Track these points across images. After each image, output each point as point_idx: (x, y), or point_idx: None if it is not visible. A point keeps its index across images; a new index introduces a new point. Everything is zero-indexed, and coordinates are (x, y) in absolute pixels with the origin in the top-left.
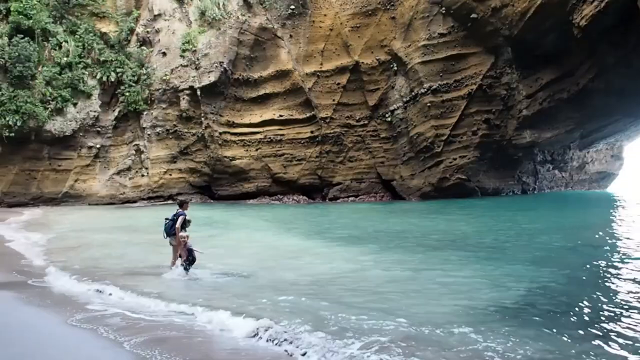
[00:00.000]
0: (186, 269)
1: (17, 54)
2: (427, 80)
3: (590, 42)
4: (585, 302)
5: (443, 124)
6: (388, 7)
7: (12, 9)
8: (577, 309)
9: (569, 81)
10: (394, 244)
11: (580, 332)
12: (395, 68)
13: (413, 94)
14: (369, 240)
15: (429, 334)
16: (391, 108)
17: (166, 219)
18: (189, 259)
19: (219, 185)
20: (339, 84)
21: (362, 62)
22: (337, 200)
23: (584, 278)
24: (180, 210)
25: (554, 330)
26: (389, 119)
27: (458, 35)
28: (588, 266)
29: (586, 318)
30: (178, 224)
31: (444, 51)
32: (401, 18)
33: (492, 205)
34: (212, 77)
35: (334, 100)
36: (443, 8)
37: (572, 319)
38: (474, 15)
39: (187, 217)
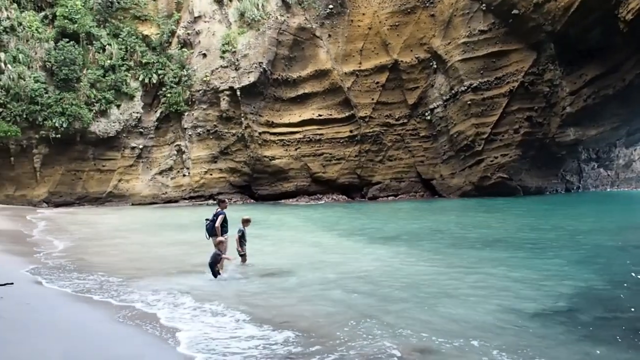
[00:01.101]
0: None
1: (62, 57)
2: (468, 78)
3: (637, 37)
4: (636, 308)
5: (484, 122)
6: (427, 4)
7: (57, 13)
8: (625, 314)
9: (615, 77)
10: (434, 243)
11: (630, 340)
12: (435, 66)
13: (453, 92)
14: (410, 239)
15: (469, 337)
16: (431, 106)
17: (207, 219)
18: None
19: (258, 184)
20: (378, 82)
21: (401, 61)
22: (376, 199)
23: (634, 282)
24: (219, 209)
25: (601, 338)
26: (428, 117)
27: (499, 32)
28: (638, 269)
29: (638, 324)
30: (217, 224)
31: (485, 48)
32: (441, 15)
33: (535, 204)
34: (252, 78)
35: (373, 99)
36: (483, 5)
37: (620, 326)
38: (515, 11)
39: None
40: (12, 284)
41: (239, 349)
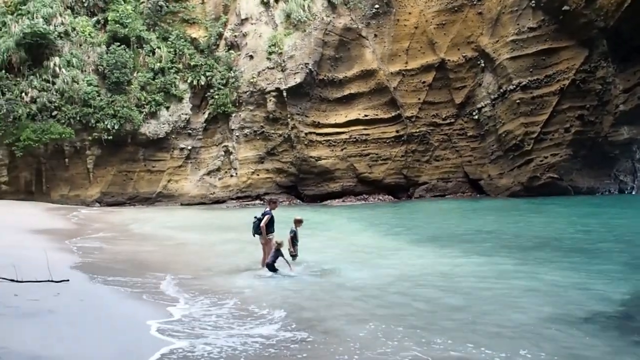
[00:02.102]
0: (271, 269)
1: (114, 61)
2: (517, 77)
3: None
4: None
5: (533, 121)
6: (475, 2)
7: (109, 18)
8: None
9: None
10: (483, 244)
11: None
12: (483, 65)
13: (501, 90)
14: (457, 240)
15: (518, 346)
16: (478, 106)
17: (255, 217)
18: (271, 262)
19: (305, 185)
20: (424, 82)
21: (448, 60)
22: (422, 199)
23: None
24: (268, 209)
25: None
26: (476, 117)
27: (549, 29)
28: None
29: None
30: (263, 223)
31: (534, 46)
32: (488, 13)
33: (586, 205)
34: (298, 79)
35: (419, 99)
36: (533, 1)
37: None
38: (566, 7)
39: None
40: (67, 280)
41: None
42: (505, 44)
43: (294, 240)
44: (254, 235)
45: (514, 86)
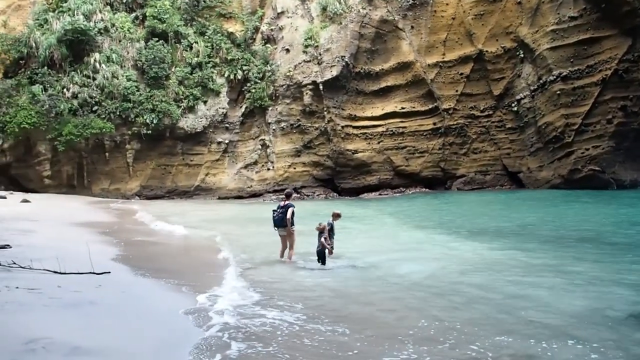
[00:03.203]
0: (321, 257)
1: (152, 56)
2: (557, 67)
3: None
4: None
5: (574, 113)
6: None
7: (147, 14)
8: None
9: None
10: (523, 237)
11: None
12: (522, 55)
13: (541, 81)
14: (498, 233)
15: (564, 340)
16: (517, 97)
17: (274, 210)
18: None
19: (341, 178)
20: (462, 74)
21: (486, 51)
22: (460, 191)
23: None
24: (288, 202)
25: None
26: (515, 108)
27: (590, 18)
28: None
29: None
30: (289, 215)
31: (575, 35)
32: (528, 3)
33: (630, 199)
34: (334, 72)
35: (457, 90)
36: None
37: None
38: None
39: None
40: (108, 272)
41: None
42: (545, 34)
43: (330, 233)
44: (276, 228)
45: (554, 77)
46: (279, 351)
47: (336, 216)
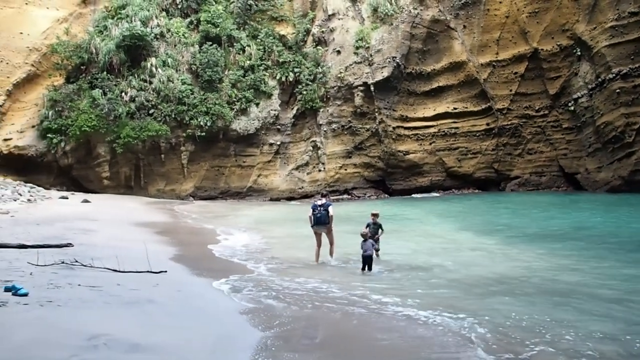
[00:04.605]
0: (368, 262)
1: (206, 60)
2: (616, 65)
3: None
4: None
5: (635, 112)
6: None
7: (201, 19)
8: None
9: None
10: (582, 243)
11: None
12: (579, 53)
13: (599, 80)
14: (555, 238)
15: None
16: (574, 96)
17: (313, 210)
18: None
19: (393, 179)
20: (516, 73)
21: (542, 49)
22: (514, 193)
23: None
24: (326, 201)
25: None
26: (572, 108)
27: None
28: None
29: None
30: (332, 213)
31: (636, 31)
32: None
33: None
34: (385, 73)
35: (511, 90)
36: None
37: None
38: None
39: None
40: (165, 271)
41: None
42: (604, 31)
43: (373, 233)
44: (314, 227)
45: (614, 75)
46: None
47: (374, 216)
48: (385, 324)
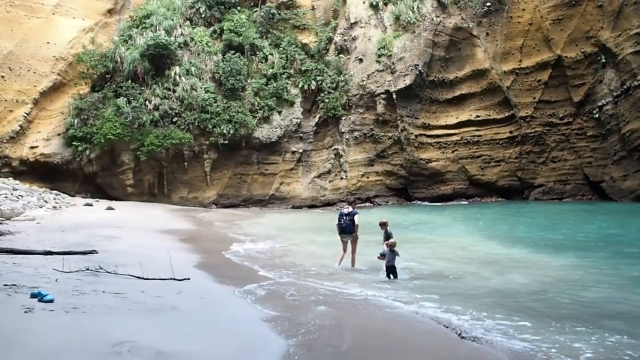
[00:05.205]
0: (392, 271)
1: (229, 68)
2: None
3: None
4: None
5: None
6: None
7: (224, 28)
8: None
9: None
10: (608, 252)
11: None
12: (604, 60)
13: (625, 87)
14: (581, 248)
15: None
16: (599, 104)
17: (339, 218)
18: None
19: (415, 187)
20: (539, 80)
21: (566, 56)
22: (538, 201)
23: None
24: (352, 209)
25: None
26: (596, 115)
27: None
28: None
29: None
30: (358, 221)
31: None
32: (610, 5)
33: None
34: (408, 81)
35: (534, 97)
36: None
37: None
38: None
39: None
40: (188, 279)
41: None
42: (629, 38)
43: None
44: (340, 235)
45: (639, 82)
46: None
47: (383, 225)
48: (417, 332)
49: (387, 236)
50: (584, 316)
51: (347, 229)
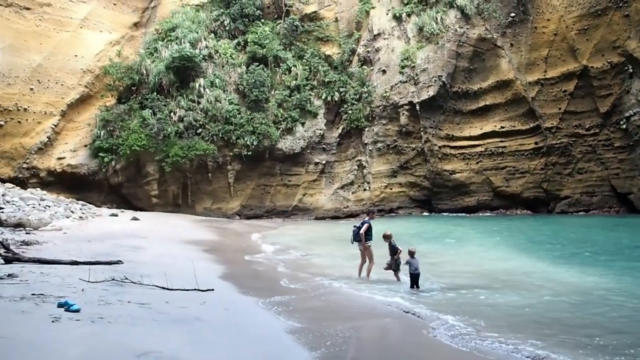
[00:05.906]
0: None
1: (253, 80)
2: None
3: None
4: None
5: None
6: (620, 4)
7: (248, 40)
8: None
9: None
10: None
11: None
12: (631, 70)
13: None
14: (609, 262)
15: None
16: (626, 114)
17: (355, 226)
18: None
19: (438, 199)
20: (565, 91)
21: (591, 67)
22: (564, 214)
23: None
24: (367, 218)
25: None
26: (624, 126)
27: None
28: None
29: None
30: (362, 231)
31: None
32: (636, 15)
33: None
34: (431, 92)
35: (559, 108)
36: None
37: None
38: None
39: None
40: (212, 290)
41: None
42: None
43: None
44: (353, 243)
45: None
46: None
47: (386, 237)
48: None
49: (393, 248)
50: None
51: (354, 237)
